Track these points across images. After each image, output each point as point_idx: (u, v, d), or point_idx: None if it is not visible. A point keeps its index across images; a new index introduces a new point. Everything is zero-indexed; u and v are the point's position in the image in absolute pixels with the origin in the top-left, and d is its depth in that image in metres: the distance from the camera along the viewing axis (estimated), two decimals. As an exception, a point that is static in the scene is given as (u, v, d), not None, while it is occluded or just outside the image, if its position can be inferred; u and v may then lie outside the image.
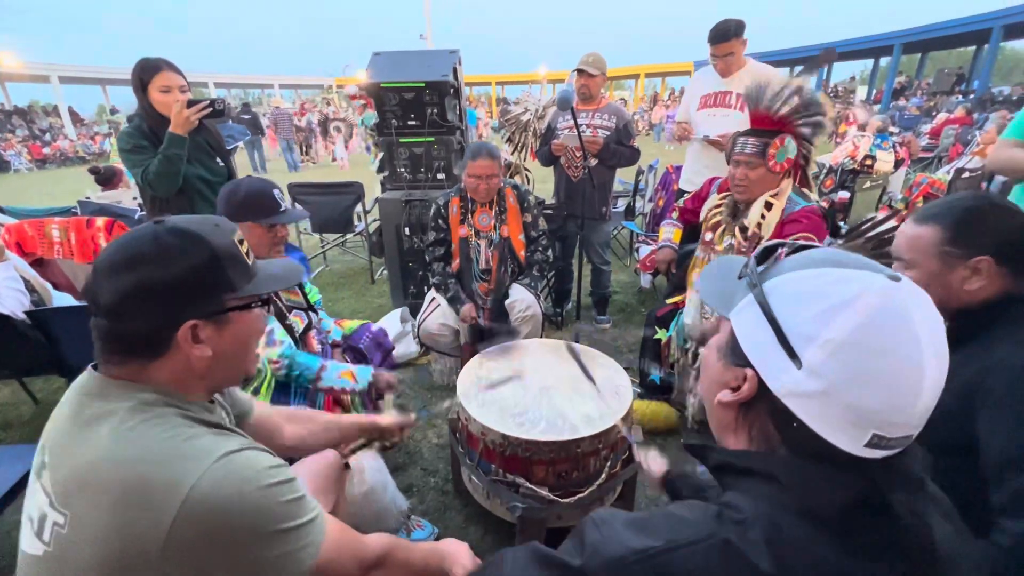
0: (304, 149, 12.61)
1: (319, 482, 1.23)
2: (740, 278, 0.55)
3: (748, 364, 0.51)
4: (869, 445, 0.45)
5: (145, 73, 1.92)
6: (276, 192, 1.56)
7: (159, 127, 1.92)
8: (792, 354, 0.47)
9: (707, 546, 0.46)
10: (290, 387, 1.58)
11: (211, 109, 1.95)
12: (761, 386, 0.50)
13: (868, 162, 5.03)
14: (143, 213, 2.96)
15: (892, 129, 7.75)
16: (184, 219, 0.71)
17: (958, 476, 0.81)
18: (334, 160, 12.76)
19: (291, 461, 1.25)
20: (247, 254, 0.76)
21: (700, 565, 0.46)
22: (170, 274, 0.66)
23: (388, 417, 1.32)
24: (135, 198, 3.77)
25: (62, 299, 2.21)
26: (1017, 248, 0.91)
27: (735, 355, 0.53)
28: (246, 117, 11.44)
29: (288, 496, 0.67)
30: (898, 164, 5.37)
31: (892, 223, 1.75)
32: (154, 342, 0.68)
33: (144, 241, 0.66)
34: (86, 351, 0.69)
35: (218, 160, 2.14)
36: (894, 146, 5.43)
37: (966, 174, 3.95)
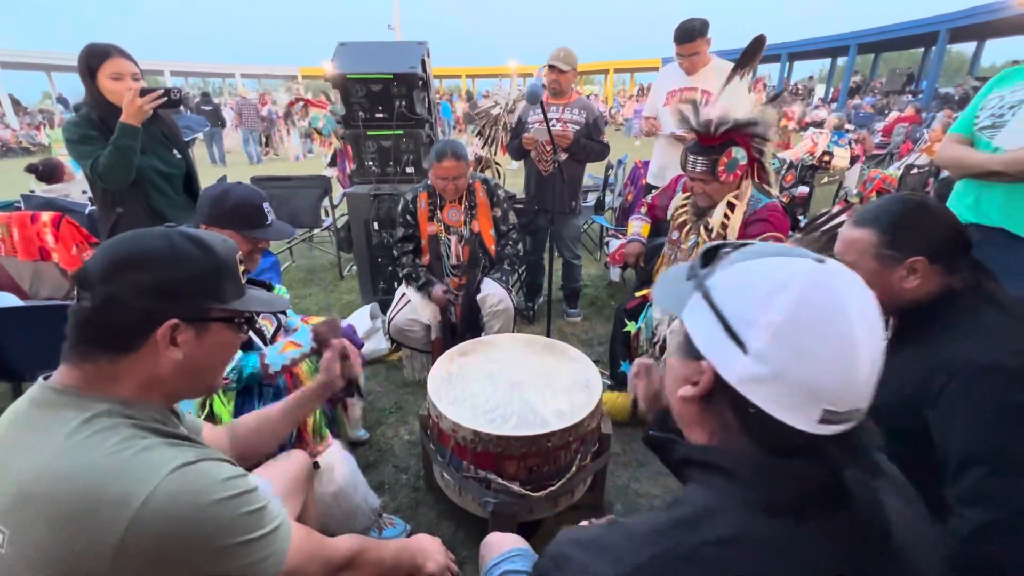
0: (264, 141, 12.17)
1: (287, 484, 1.21)
2: (688, 280, 0.58)
3: (702, 357, 0.53)
4: (822, 421, 0.48)
5: (93, 59, 1.82)
6: (265, 205, 1.50)
7: (110, 117, 1.82)
8: (739, 341, 0.50)
9: (667, 560, 0.48)
10: (255, 392, 1.53)
11: (166, 98, 1.87)
12: (717, 377, 0.52)
13: (826, 158, 5.22)
14: (94, 208, 2.81)
15: (848, 127, 8.07)
16: (193, 230, 0.75)
17: (908, 461, 0.85)
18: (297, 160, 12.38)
19: (258, 464, 1.22)
20: (243, 273, 0.80)
21: None
22: (176, 274, 0.69)
23: (315, 380, 1.24)
24: (84, 191, 3.57)
25: (5, 299, 2.08)
26: (947, 247, 0.96)
27: (690, 351, 0.55)
28: (207, 108, 10.98)
29: (247, 507, 0.65)
30: (853, 160, 5.60)
31: (846, 216, 1.83)
32: (133, 336, 0.67)
33: (157, 240, 0.69)
34: (31, 354, 0.66)
35: (175, 152, 2.05)
36: (850, 143, 5.66)
37: (915, 170, 4.15)
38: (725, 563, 0.46)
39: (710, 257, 0.58)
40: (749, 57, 1.88)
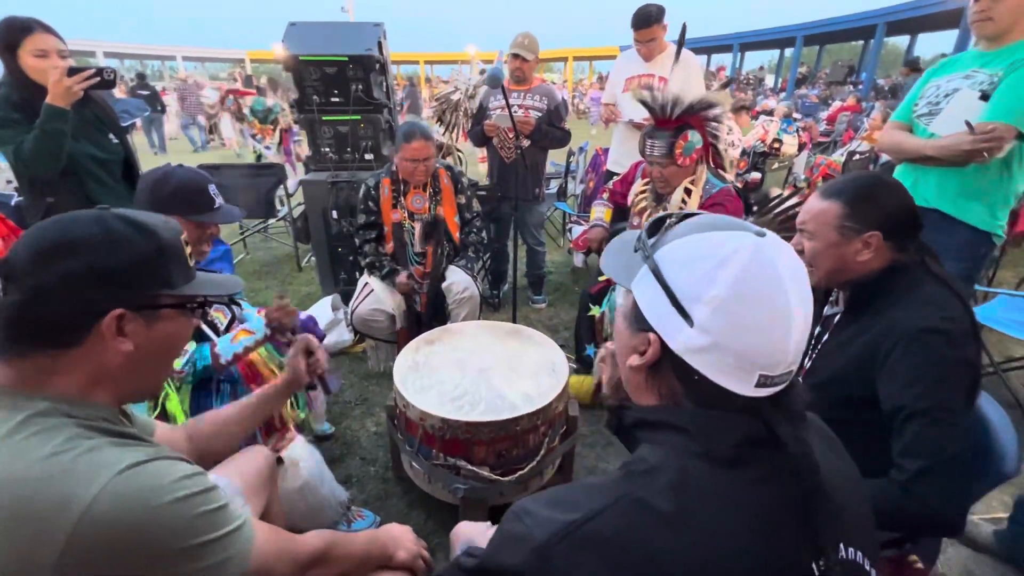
0: (209, 128, 11.48)
1: (249, 481, 1.16)
2: (636, 251, 0.60)
3: (650, 328, 0.56)
4: (759, 385, 0.51)
5: (13, 34, 1.66)
6: (212, 188, 1.40)
7: (34, 98, 1.67)
8: (685, 314, 0.52)
9: (619, 506, 0.51)
10: (211, 387, 1.47)
11: (99, 79, 1.73)
12: (664, 347, 0.55)
13: (776, 145, 5.44)
14: (21, 199, 2.59)
15: (795, 115, 8.41)
16: (131, 211, 0.69)
17: (860, 427, 0.91)
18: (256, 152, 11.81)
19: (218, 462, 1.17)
20: (190, 255, 0.74)
21: (617, 525, 0.50)
22: (114, 261, 0.63)
23: (280, 376, 1.21)
24: (10, 181, 3.29)
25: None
26: (900, 224, 1.02)
27: (639, 321, 0.57)
28: (143, 92, 10.26)
29: (205, 507, 0.62)
30: (801, 147, 5.86)
31: (795, 200, 1.92)
32: (73, 329, 0.62)
33: (88, 225, 0.63)
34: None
35: (111, 136, 1.91)
36: (797, 131, 5.92)
37: (856, 156, 4.39)
38: (673, 506, 0.49)
39: (655, 228, 0.60)
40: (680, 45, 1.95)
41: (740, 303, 0.50)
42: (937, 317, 0.93)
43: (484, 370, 1.69)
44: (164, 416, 1.37)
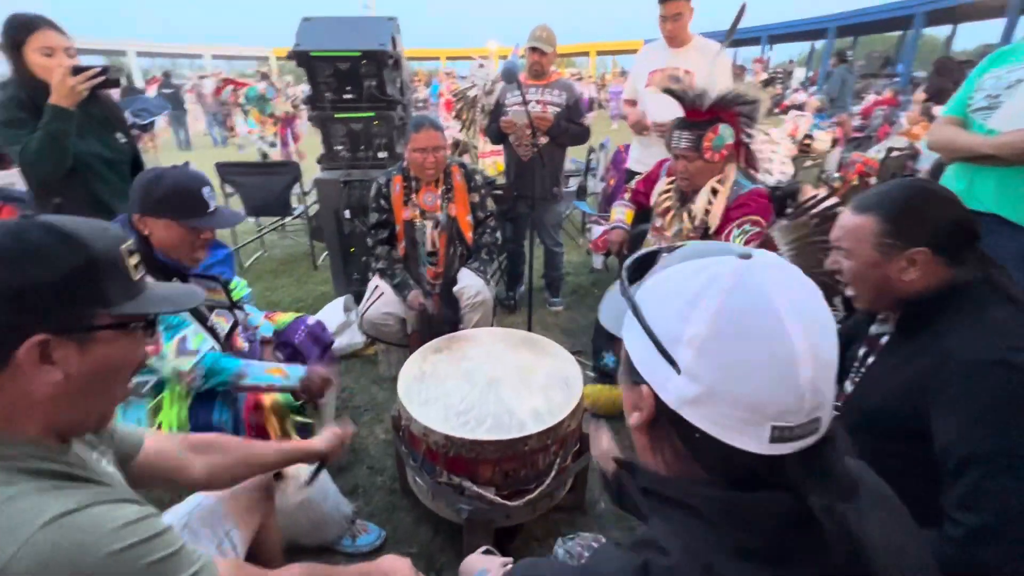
0: (226, 124, 11.65)
1: (243, 500, 1.11)
2: (622, 295, 0.52)
3: (643, 380, 0.48)
4: (774, 440, 0.42)
5: (18, 31, 1.63)
6: (206, 190, 1.34)
7: (40, 96, 1.64)
8: (670, 359, 0.45)
9: None
10: (214, 399, 1.41)
11: (103, 78, 1.69)
12: (658, 401, 0.47)
13: (807, 141, 5.20)
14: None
15: (827, 110, 8.07)
16: (64, 218, 0.60)
17: (907, 461, 0.79)
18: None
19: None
20: (135, 267, 0.65)
21: None
22: (30, 278, 0.54)
23: (320, 439, 1.18)
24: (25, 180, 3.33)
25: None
26: (952, 239, 0.90)
27: (632, 374, 0.51)
28: (167, 91, 10.47)
29: (153, 556, 0.55)
30: (833, 143, 5.59)
31: (834, 199, 1.77)
32: None
33: (3, 236, 0.55)
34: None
35: (118, 135, 1.88)
36: (831, 126, 5.65)
37: (895, 152, 4.14)
38: None
39: (639, 266, 0.53)
40: (733, 27, 1.82)
41: (724, 340, 0.42)
42: (1004, 347, 0.80)
43: (493, 382, 1.61)
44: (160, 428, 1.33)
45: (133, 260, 0.65)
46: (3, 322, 0.54)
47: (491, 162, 4.42)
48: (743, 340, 0.42)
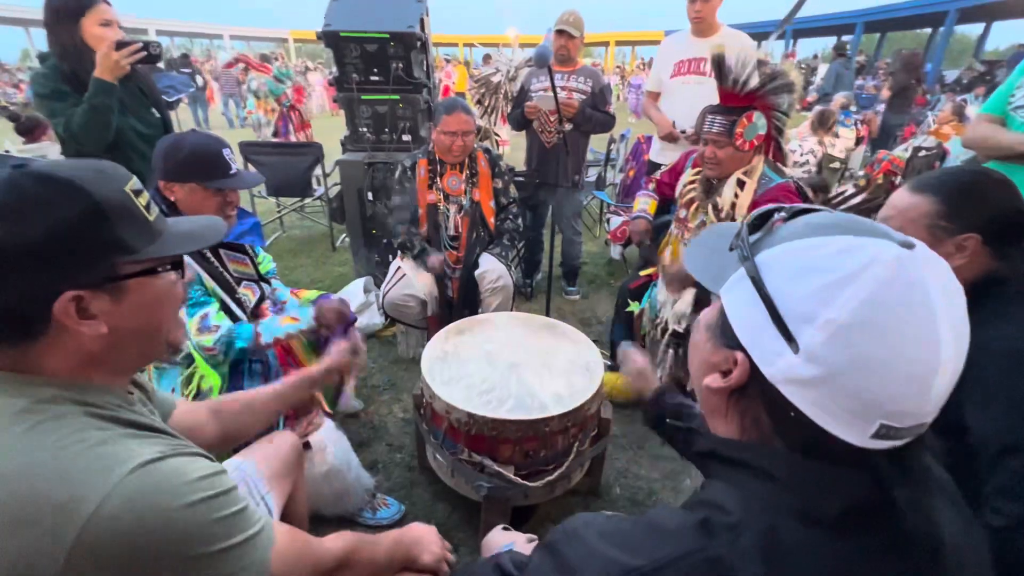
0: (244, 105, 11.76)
1: (276, 466, 1.14)
2: (731, 250, 0.50)
3: (739, 346, 0.46)
4: (876, 436, 0.41)
5: (80, 2, 1.66)
6: (226, 152, 1.36)
7: (82, 69, 1.68)
8: (788, 336, 0.42)
9: (692, 563, 0.42)
10: (243, 367, 1.45)
11: (145, 53, 1.72)
12: (753, 371, 0.45)
13: (831, 139, 5.11)
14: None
15: (852, 107, 7.91)
16: (54, 163, 0.56)
17: (947, 454, 0.80)
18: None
19: (247, 444, 1.15)
20: (147, 208, 0.61)
21: None
22: (31, 233, 0.51)
23: (320, 363, 1.19)
24: (63, 153, 3.40)
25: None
26: (1005, 227, 0.89)
27: (725, 336, 0.48)
28: (186, 71, 10.56)
29: (223, 511, 0.57)
30: (858, 141, 5.50)
31: (862, 197, 1.76)
32: (24, 321, 0.54)
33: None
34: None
35: (153, 111, 1.91)
36: (856, 123, 5.55)
37: (923, 152, 4.07)
38: (754, 571, 0.40)
39: (760, 223, 0.49)
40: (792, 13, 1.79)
41: (867, 332, 0.39)
42: None
43: (515, 365, 1.63)
44: (198, 395, 1.37)
45: (143, 200, 0.61)
46: (24, 283, 0.52)
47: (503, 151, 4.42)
48: (888, 336, 0.39)
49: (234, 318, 1.43)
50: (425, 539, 0.95)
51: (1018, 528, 0.75)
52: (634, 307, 2.10)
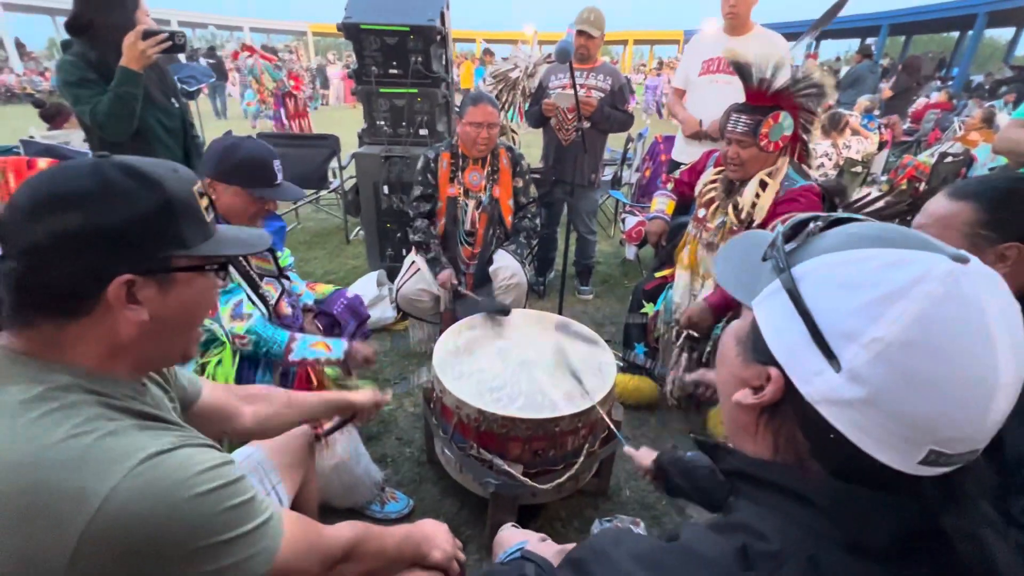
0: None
1: (287, 457, 1.15)
2: (765, 260, 0.47)
3: (773, 362, 0.43)
4: (926, 463, 0.38)
5: None
6: (276, 163, 1.41)
7: (109, 57, 1.69)
8: (829, 354, 0.39)
9: None
10: (258, 360, 1.47)
11: (171, 43, 1.73)
12: (788, 388, 0.43)
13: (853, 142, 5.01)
14: (93, 157, 2.70)
15: (876, 111, 7.75)
16: (135, 159, 0.60)
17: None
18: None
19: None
20: (206, 210, 0.65)
21: None
22: (112, 218, 0.55)
23: (361, 393, 1.22)
24: (86, 140, 3.45)
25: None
26: None
27: (757, 351, 0.45)
28: (211, 61, 10.72)
29: (231, 501, 0.58)
30: (881, 146, 5.39)
31: (885, 201, 1.71)
32: (77, 298, 0.56)
33: (83, 176, 0.55)
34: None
35: (172, 100, 1.93)
36: (879, 127, 5.43)
37: (949, 158, 3.97)
38: None
39: (796, 231, 0.46)
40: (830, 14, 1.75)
41: (917, 353, 0.36)
42: None
43: (526, 363, 1.62)
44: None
45: (204, 202, 0.65)
46: (91, 262, 0.55)
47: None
48: (941, 357, 0.36)
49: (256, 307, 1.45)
50: (436, 536, 0.95)
51: None
52: (648, 309, 2.08)
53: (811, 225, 0.46)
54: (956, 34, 19.42)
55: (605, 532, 0.49)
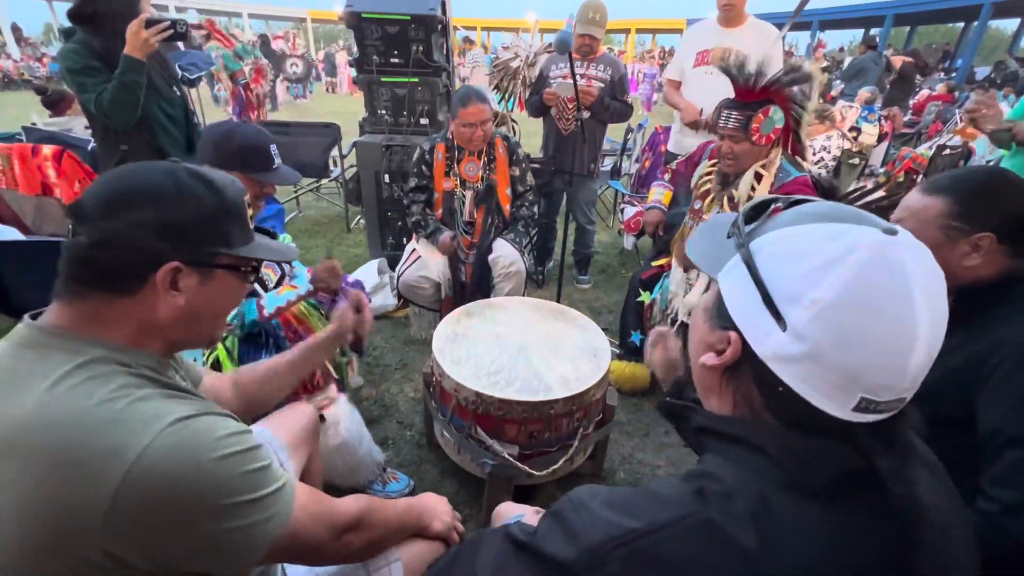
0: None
1: (293, 437, 1.19)
2: (729, 237, 0.53)
3: (733, 327, 0.49)
4: (857, 409, 0.44)
5: None
6: (273, 147, 1.44)
7: (113, 46, 1.71)
8: (777, 316, 0.45)
9: (687, 525, 0.45)
10: (260, 340, 1.51)
11: (172, 31, 1.75)
12: (745, 349, 0.49)
13: (853, 134, 5.03)
14: (96, 145, 2.72)
15: (877, 103, 7.73)
16: (201, 167, 0.71)
17: (952, 448, 0.82)
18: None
19: (266, 414, 1.20)
20: (251, 218, 0.75)
21: (681, 546, 0.44)
22: (181, 214, 0.65)
23: (328, 327, 1.21)
24: (88, 127, 3.46)
25: (5, 232, 2.04)
26: (1021, 226, 0.89)
27: (721, 317, 0.51)
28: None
29: (251, 465, 0.62)
30: (881, 138, 5.39)
31: (880, 193, 1.75)
32: (130, 277, 0.63)
33: (161, 176, 0.65)
34: (34, 290, 0.62)
35: (173, 88, 1.95)
36: (879, 119, 5.44)
37: (947, 151, 3.99)
38: (755, 540, 0.43)
39: (756, 214, 0.52)
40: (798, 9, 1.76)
41: (849, 311, 0.42)
42: None
43: (523, 348, 1.66)
44: (216, 367, 1.42)
45: (250, 211, 0.74)
46: (151, 247, 0.63)
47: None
48: (869, 314, 0.42)
49: (255, 295, 1.49)
50: (437, 508, 1.00)
51: (1006, 512, 0.77)
52: (645, 297, 2.12)
53: (771, 206, 0.52)
54: (961, 25, 19.26)
55: (582, 487, 0.55)
